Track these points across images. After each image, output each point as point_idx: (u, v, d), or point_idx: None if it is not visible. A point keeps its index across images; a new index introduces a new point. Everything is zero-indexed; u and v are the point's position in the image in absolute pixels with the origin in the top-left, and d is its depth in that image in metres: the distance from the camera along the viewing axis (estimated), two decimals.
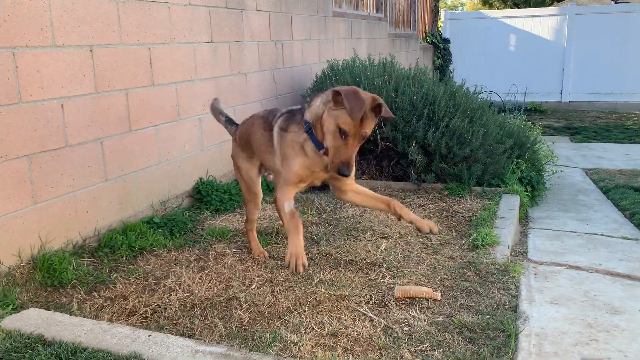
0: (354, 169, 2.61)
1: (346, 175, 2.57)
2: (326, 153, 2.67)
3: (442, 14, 14.22)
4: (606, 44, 12.65)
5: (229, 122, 3.61)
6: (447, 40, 13.65)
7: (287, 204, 2.82)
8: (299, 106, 3.00)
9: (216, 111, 3.67)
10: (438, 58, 13.32)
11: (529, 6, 25.03)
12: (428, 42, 13.02)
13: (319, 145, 2.71)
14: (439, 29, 14.04)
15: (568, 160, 7.57)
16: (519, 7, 24.75)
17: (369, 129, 2.53)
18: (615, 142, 8.88)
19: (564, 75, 13.03)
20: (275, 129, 2.97)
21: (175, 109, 4.26)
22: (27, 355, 2.01)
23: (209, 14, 4.57)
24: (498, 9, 27.37)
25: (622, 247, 3.88)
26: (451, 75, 12.13)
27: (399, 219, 2.97)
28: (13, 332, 2.18)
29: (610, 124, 10.81)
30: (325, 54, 7.01)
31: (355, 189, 3.03)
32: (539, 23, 13.21)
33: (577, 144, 8.86)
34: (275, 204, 3.12)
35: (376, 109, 2.56)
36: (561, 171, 6.49)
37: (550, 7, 16.18)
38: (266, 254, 3.49)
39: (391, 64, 5.67)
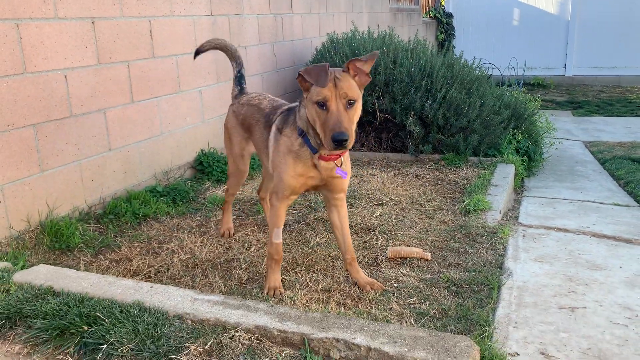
0: (351, 135, 2.28)
1: (344, 141, 2.21)
2: (322, 158, 2.49)
3: None
4: (611, 19, 12.54)
5: (237, 80, 3.37)
6: (450, 15, 13.58)
7: (276, 232, 2.66)
8: (297, 104, 2.68)
9: (232, 54, 3.39)
10: (441, 33, 13.27)
11: None
12: (431, 16, 12.96)
13: (314, 149, 2.48)
14: (442, 3, 13.94)
15: (569, 133, 7.62)
16: None
17: (349, 90, 2.29)
18: (617, 116, 8.90)
19: (567, 49, 12.97)
20: (273, 129, 2.72)
21: (176, 81, 4.35)
22: (37, 303, 2.16)
23: None
24: None
25: (612, 212, 3.98)
26: (453, 49, 12.10)
27: (346, 270, 2.81)
28: (24, 285, 2.32)
29: (614, 97, 10.79)
30: (326, 27, 7.05)
31: (340, 210, 2.72)
32: None
33: (579, 118, 8.89)
34: (269, 207, 2.83)
35: (354, 70, 2.37)
36: (559, 143, 6.55)
37: None
38: (232, 231, 3.44)
39: (390, 36, 5.72)
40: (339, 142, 2.22)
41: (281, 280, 2.74)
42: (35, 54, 3.20)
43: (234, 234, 3.45)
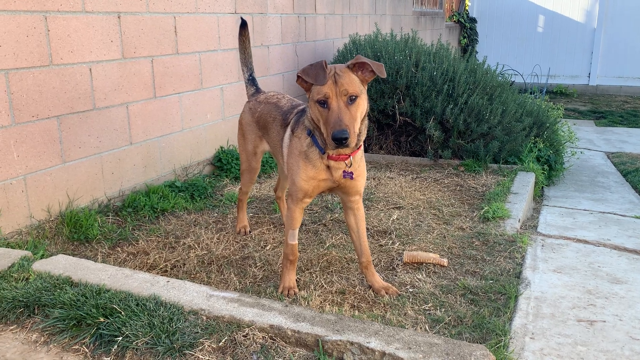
0: (353, 133, 2.22)
1: (344, 139, 2.15)
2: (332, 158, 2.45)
3: None
4: (638, 27, 12.33)
5: (251, 82, 3.38)
6: (474, 20, 13.47)
7: (292, 233, 2.64)
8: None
9: (247, 59, 3.36)
10: (464, 37, 13.17)
11: None
12: (454, 21, 12.87)
13: (322, 149, 2.43)
14: (466, 8, 13.83)
15: (590, 143, 7.50)
16: None
17: (349, 85, 2.22)
18: None
19: (592, 58, 12.78)
20: (288, 130, 2.70)
21: (198, 78, 4.38)
22: (56, 293, 2.18)
23: None
24: None
25: (634, 225, 3.91)
26: (476, 54, 12.01)
27: (361, 273, 2.81)
28: (43, 274, 2.36)
29: (638, 108, 10.60)
30: (348, 29, 7.04)
31: (356, 213, 2.69)
32: (570, 4, 12.93)
33: (602, 128, 8.75)
34: (285, 206, 2.75)
35: (357, 67, 2.30)
36: (581, 153, 6.46)
37: None
38: (248, 229, 3.46)
39: (413, 39, 5.69)
40: (338, 141, 2.16)
41: (296, 280, 2.74)
42: (61, 46, 3.25)
43: (250, 232, 3.46)
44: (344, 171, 2.46)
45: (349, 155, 2.43)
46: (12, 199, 3.08)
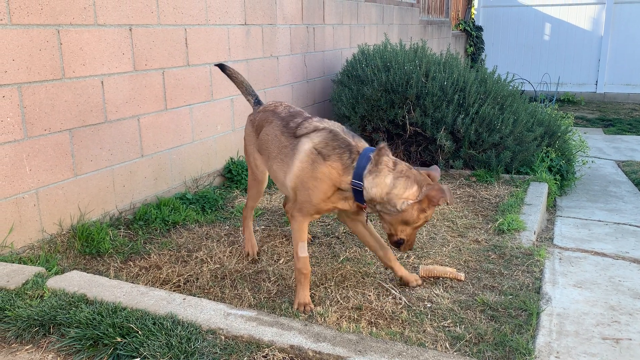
0: None
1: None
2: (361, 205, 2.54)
3: (475, 1, 14.01)
4: None
5: (257, 104, 3.30)
6: (480, 28, 13.47)
7: (302, 246, 2.61)
8: (346, 138, 2.55)
9: (246, 90, 3.36)
10: (470, 46, 13.17)
11: None
12: (461, 29, 12.87)
13: (360, 199, 2.49)
14: (472, 16, 13.84)
15: (600, 152, 7.44)
16: None
17: None
18: None
19: (599, 66, 12.73)
20: (307, 145, 2.56)
21: (209, 90, 4.36)
22: (71, 312, 2.15)
23: None
24: None
25: None
26: (483, 63, 11.99)
27: (386, 268, 2.93)
28: (58, 291, 2.32)
29: None
30: (356, 39, 7.03)
31: (364, 222, 2.81)
32: (576, 12, 12.91)
33: (611, 136, 8.69)
34: (290, 220, 2.71)
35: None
36: (592, 162, 6.40)
37: None
38: (255, 249, 3.25)
39: (422, 49, 5.67)
40: (396, 244, 2.60)
41: (311, 295, 2.70)
42: (74, 59, 3.23)
43: (258, 253, 3.28)
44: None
45: None
46: (25, 213, 3.06)
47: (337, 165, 2.47)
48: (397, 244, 2.59)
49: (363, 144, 2.57)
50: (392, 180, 2.42)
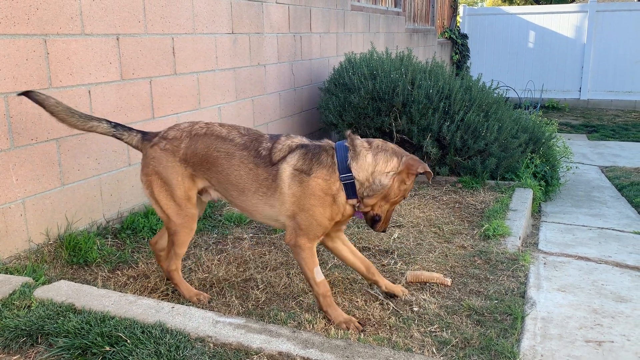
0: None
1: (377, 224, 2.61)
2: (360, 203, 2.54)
3: (460, 9, 14.19)
4: (627, 42, 12.53)
5: (121, 129, 2.81)
6: (465, 36, 13.63)
7: (317, 271, 2.54)
8: (315, 143, 2.57)
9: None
10: (456, 54, 13.32)
11: (550, 3, 24.77)
12: (446, 37, 13.02)
13: (352, 195, 2.47)
14: (458, 24, 14.01)
15: (584, 157, 7.56)
16: (539, 4, 24.54)
17: None
18: (633, 141, 8.84)
19: (583, 73, 12.94)
20: (287, 170, 2.47)
21: (196, 98, 4.38)
22: (59, 321, 2.15)
23: (231, 5, 4.69)
24: (518, 5, 27.10)
25: (634, 241, 3.93)
26: (468, 70, 12.12)
27: (371, 285, 2.89)
28: (46, 301, 2.32)
29: (629, 122, 10.73)
30: (343, 47, 7.09)
31: (343, 239, 2.80)
32: (559, 20, 13.13)
33: (594, 142, 8.83)
34: (296, 251, 2.55)
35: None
36: (576, 167, 6.50)
37: (570, 4, 16.04)
38: (205, 295, 2.77)
39: (408, 57, 5.73)
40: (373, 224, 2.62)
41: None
42: (61, 69, 3.24)
43: (208, 297, 2.78)
44: (356, 212, 2.58)
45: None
46: (11, 223, 3.04)
47: (322, 173, 2.45)
48: (374, 221, 2.58)
49: (333, 142, 2.61)
50: (373, 157, 2.46)
